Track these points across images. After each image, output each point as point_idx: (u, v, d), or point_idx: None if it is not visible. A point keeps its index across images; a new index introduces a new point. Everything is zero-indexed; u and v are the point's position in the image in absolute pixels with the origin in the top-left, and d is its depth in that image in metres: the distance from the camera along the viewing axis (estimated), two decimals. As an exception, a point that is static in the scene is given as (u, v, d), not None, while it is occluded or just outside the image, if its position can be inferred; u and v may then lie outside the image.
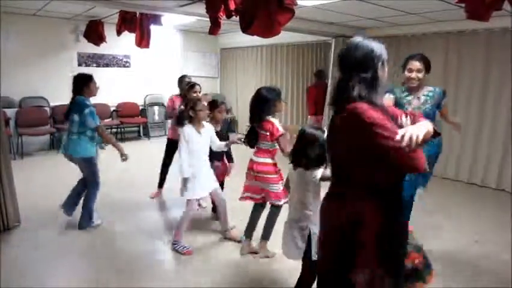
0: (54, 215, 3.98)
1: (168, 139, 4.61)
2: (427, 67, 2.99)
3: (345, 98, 1.56)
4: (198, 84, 4.24)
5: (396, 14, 5.11)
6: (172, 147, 4.51)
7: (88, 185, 3.74)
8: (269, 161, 3.08)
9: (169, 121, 4.59)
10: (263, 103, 3.03)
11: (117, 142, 3.76)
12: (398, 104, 3.01)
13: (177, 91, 4.70)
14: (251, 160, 3.15)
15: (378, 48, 1.63)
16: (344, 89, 1.58)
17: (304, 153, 2.23)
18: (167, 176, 4.67)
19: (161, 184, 4.71)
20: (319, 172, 2.27)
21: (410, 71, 2.97)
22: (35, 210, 4.08)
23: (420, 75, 2.95)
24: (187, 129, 3.18)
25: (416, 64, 2.95)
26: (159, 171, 4.67)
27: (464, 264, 3.21)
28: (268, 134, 3.01)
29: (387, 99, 2.96)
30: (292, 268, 2.76)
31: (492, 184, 5.33)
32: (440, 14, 4.89)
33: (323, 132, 2.20)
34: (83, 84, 3.66)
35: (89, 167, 3.67)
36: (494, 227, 3.95)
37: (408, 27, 5.86)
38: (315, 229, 2.21)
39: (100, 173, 3.77)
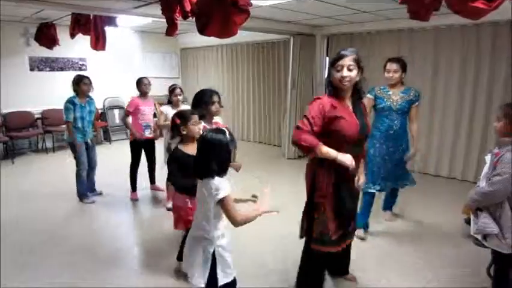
0: (14, 227, 3.86)
1: (131, 141, 4.57)
2: (403, 68, 3.41)
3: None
4: (180, 88, 4.36)
5: (351, 13, 5.28)
6: (137, 148, 4.54)
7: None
8: None
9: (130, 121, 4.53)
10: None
11: (75, 140, 4.40)
12: (378, 98, 3.48)
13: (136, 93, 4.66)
14: None
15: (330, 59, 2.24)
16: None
17: (209, 160, 1.91)
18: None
19: (134, 187, 4.72)
20: (223, 183, 1.92)
21: (388, 71, 3.41)
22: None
23: (397, 74, 3.38)
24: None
25: (393, 66, 3.39)
26: (129, 175, 4.68)
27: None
28: None
29: (368, 99, 3.44)
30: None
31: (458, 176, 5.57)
32: (391, 12, 5.10)
33: (225, 134, 1.98)
34: (74, 85, 4.40)
35: (73, 150, 4.51)
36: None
37: (363, 25, 6.06)
38: (222, 250, 1.99)
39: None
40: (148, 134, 4.55)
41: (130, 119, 4.52)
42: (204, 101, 2.94)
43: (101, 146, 7.99)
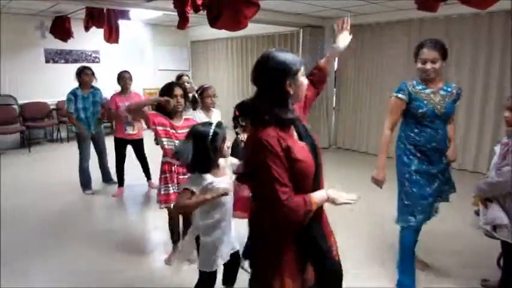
0: (28, 212, 4.03)
1: (115, 138, 4.58)
2: (443, 55, 2.44)
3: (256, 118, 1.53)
4: (187, 75, 4.21)
5: (360, 4, 5.29)
6: (119, 145, 4.56)
7: None
8: None
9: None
10: None
11: (81, 128, 4.45)
12: (415, 100, 2.48)
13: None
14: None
15: (287, 60, 1.50)
16: (256, 107, 1.54)
17: (192, 154, 1.92)
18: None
19: (121, 183, 4.65)
20: (195, 179, 1.93)
21: (424, 62, 2.44)
22: (9, 209, 4.07)
23: (436, 65, 2.42)
24: None
25: (430, 53, 2.41)
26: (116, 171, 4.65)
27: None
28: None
29: (400, 101, 2.50)
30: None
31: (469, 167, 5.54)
32: (401, 3, 5.09)
33: (210, 125, 1.94)
34: (77, 76, 4.42)
35: (78, 141, 4.59)
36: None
37: (372, 16, 6.07)
38: (206, 242, 2.05)
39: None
40: (130, 131, 4.44)
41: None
42: (166, 95, 2.78)
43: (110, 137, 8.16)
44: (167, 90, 2.79)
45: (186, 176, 2.71)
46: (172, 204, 2.74)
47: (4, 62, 6.85)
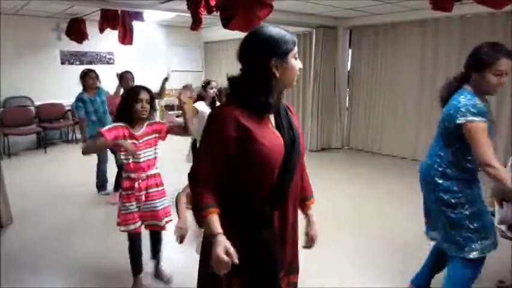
0: (44, 212, 4.10)
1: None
2: None
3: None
4: (214, 80, 4.13)
5: (373, 4, 5.25)
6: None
7: None
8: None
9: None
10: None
11: (85, 137, 4.37)
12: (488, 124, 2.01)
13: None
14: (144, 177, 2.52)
15: (276, 37, 1.29)
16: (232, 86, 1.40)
17: None
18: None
19: (117, 187, 4.28)
20: None
21: (501, 74, 1.95)
22: (26, 209, 4.16)
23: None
24: None
25: (509, 63, 1.94)
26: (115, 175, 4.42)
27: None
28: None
29: (481, 124, 1.95)
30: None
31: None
32: (415, 2, 5.04)
33: None
34: (81, 80, 4.42)
35: None
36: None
37: (386, 16, 6.02)
38: None
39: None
40: None
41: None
42: (130, 98, 2.47)
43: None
44: (131, 93, 2.49)
45: (154, 190, 2.56)
46: (139, 224, 2.55)
47: (21, 64, 7.01)
